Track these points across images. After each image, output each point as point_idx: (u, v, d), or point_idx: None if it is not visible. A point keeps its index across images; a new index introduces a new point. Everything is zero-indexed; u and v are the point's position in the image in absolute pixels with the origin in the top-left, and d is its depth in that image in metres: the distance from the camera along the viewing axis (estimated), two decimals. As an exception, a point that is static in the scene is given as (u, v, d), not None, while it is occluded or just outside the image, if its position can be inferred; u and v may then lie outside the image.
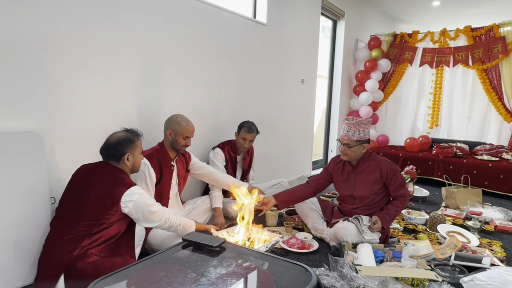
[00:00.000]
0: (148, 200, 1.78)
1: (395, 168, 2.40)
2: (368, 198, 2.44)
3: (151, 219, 1.79)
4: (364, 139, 2.38)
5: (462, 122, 5.24)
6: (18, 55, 1.82)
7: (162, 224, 1.84)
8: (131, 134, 1.87)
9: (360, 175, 2.46)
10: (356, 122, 2.36)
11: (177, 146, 2.37)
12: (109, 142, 1.82)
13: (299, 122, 4.63)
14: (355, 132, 2.35)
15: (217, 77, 3.20)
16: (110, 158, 1.81)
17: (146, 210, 1.76)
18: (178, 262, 1.25)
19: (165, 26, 2.63)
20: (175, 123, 2.37)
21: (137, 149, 1.87)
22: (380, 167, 2.39)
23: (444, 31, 5.19)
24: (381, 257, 2.16)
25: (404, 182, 2.42)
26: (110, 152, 1.80)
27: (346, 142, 2.38)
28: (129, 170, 1.87)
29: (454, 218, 3.14)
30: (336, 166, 2.60)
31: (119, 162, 1.81)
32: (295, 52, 4.30)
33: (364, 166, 2.45)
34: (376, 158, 2.47)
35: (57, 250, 1.65)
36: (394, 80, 5.69)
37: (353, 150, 2.38)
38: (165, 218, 1.84)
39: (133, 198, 1.72)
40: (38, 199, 1.90)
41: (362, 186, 2.44)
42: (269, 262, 1.28)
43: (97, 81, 2.22)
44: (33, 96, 1.91)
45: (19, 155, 1.83)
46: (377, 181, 2.41)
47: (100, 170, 1.79)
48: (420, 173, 4.57)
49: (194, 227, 2.02)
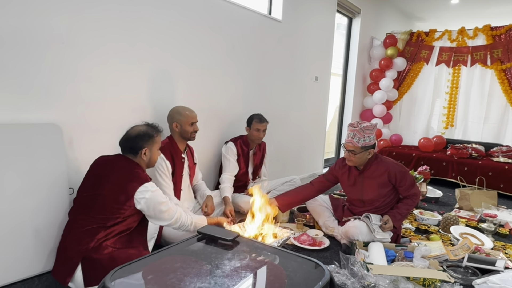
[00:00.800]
0: (160, 197, 1.76)
1: (404, 170, 2.37)
2: (378, 201, 2.43)
3: (162, 217, 1.78)
4: (369, 145, 2.32)
5: (478, 123, 5.15)
6: (40, 48, 1.87)
7: (173, 223, 1.83)
8: (151, 129, 1.87)
9: (368, 179, 2.42)
10: (361, 129, 2.29)
11: (186, 135, 2.42)
12: (129, 135, 1.82)
13: (311, 119, 4.62)
14: (360, 138, 2.30)
15: (231, 72, 3.22)
16: (128, 151, 1.82)
17: (158, 208, 1.75)
18: (194, 254, 1.28)
19: (181, 22, 2.66)
20: (177, 114, 2.42)
21: (155, 145, 1.87)
22: (388, 171, 2.35)
23: (463, 30, 5.09)
24: (392, 256, 2.15)
25: (414, 181, 2.40)
26: (128, 144, 1.80)
27: (351, 149, 2.33)
28: (145, 165, 1.87)
29: (468, 220, 3.10)
30: (342, 170, 2.54)
31: (136, 156, 1.81)
32: (309, 49, 4.29)
33: (371, 170, 2.40)
34: (383, 160, 2.42)
35: (74, 241, 1.70)
36: (409, 79, 5.61)
37: (358, 156, 2.33)
38: (176, 217, 1.82)
39: (145, 195, 1.71)
40: (57, 189, 1.95)
41: (371, 190, 2.42)
42: (282, 257, 1.30)
43: (115, 74, 2.27)
44: (53, 88, 1.96)
45: (40, 146, 1.88)
46: (385, 184, 2.38)
47: (116, 164, 1.80)
48: (433, 174, 4.52)
49: (206, 223, 2.00)
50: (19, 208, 1.81)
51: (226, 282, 1.05)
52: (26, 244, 1.86)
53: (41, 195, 1.89)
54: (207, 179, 3.11)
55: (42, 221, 1.90)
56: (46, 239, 1.89)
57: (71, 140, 2.07)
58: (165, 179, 2.34)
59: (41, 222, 1.89)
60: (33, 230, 1.87)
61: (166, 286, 1.03)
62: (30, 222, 1.86)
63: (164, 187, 2.32)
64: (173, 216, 1.81)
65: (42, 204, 1.90)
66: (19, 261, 1.84)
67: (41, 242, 1.90)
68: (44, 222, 1.89)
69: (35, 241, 1.88)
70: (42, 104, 1.92)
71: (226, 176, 2.89)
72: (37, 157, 1.87)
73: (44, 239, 1.89)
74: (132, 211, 1.72)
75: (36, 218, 1.88)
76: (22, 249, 1.84)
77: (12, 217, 1.79)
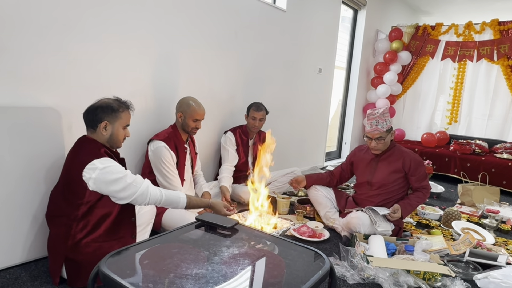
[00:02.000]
0: (111, 175, 1.55)
1: (419, 160, 2.40)
2: (386, 186, 2.43)
3: (120, 196, 1.58)
4: (390, 127, 2.40)
5: (482, 119, 5.09)
6: (40, 31, 1.83)
7: (139, 200, 1.62)
8: (117, 103, 1.70)
9: (382, 162, 2.46)
10: (381, 114, 2.36)
11: (187, 128, 2.38)
12: (91, 106, 1.68)
13: (314, 112, 4.58)
14: (383, 123, 2.35)
15: (234, 61, 3.17)
16: (88, 124, 1.68)
17: (111, 188, 1.56)
18: (191, 241, 1.26)
19: (183, 9, 2.61)
20: (185, 105, 2.37)
21: (119, 120, 1.69)
22: (404, 157, 2.38)
23: (470, 24, 5.01)
24: (393, 249, 2.13)
25: (426, 174, 2.42)
26: (88, 116, 1.66)
27: (378, 136, 2.36)
28: (106, 141, 1.69)
29: (470, 216, 3.08)
30: (359, 153, 2.63)
31: (95, 130, 1.66)
32: (313, 40, 4.23)
33: (388, 154, 2.45)
34: (401, 148, 2.47)
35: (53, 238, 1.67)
36: (414, 73, 5.55)
37: (386, 141, 2.39)
38: (140, 192, 1.60)
39: (92, 174, 1.53)
40: (55, 174, 1.93)
41: (382, 173, 2.44)
42: (282, 245, 1.28)
43: (116, 60, 2.22)
44: (53, 73, 1.92)
45: (38, 131, 1.85)
46: (398, 171, 2.40)
47: (76, 145, 1.68)
48: (436, 169, 4.49)
49: (183, 202, 1.76)
50: (17, 193, 1.80)
51: (223, 269, 1.03)
52: (24, 229, 1.84)
53: (39, 180, 1.87)
54: (207, 168, 3.08)
55: (40, 207, 1.88)
56: (44, 224, 1.87)
57: (70, 125, 2.04)
58: (172, 169, 2.29)
59: (39, 207, 1.88)
60: (32, 215, 1.86)
61: (163, 272, 1.01)
62: (28, 208, 1.84)
63: (170, 179, 2.28)
64: (136, 191, 1.59)
65: (40, 190, 1.88)
66: (16, 245, 1.83)
67: (39, 227, 1.89)
68: (42, 208, 1.87)
69: (33, 226, 1.87)
70: (41, 88, 1.88)
71: (225, 167, 2.86)
72: (36, 141, 1.84)
73: (42, 224, 1.88)
74: (92, 194, 1.57)
75: (34, 203, 1.86)
76: (21, 233, 1.83)
77: (10, 201, 1.78)
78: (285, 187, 3.23)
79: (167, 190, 1.75)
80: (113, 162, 1.62)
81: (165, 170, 2.26)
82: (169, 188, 2.28)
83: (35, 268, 1.84)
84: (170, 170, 2.28)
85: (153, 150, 2.28)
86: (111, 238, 1.67)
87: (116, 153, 1.76)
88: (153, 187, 1.68)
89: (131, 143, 2.37)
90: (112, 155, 1.69)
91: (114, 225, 1.68)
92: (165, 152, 2.25)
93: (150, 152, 2.30)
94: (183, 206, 1.75)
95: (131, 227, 1.76)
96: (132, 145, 2.39)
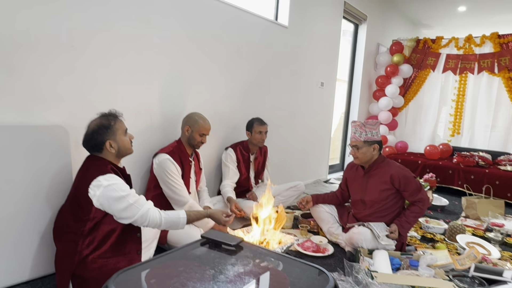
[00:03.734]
0: (115, 193, 1.56)
1: (408, 174, 2.35)
2: (379, 204, 2.41)
3: (122, 216, 1.60)
4: (372, 140, 2.36)
5: (485, 131, 5.10)
6: (49, 51, 1.89)
7: (139, 222, 1.63)
8: (106, 119, 1.71)
9: (372, 179, 2.44)
10: (362, 124, 2.38)
11: (193, 142, 2.43)
12: (86, 134, 1.70)
13: (316, 125, 4.61)
14: (361, 133, 2.36)
15: (237, 77, 3.23)
16: (92, 150, 1.71)
17: (114, 206, 1.57)
18: (197, 259, 1.27)
19: (187, 27, 2.68)
20: (193, 120, 2.43)
21: (117, 132, 1.71)
22: (391, 174, 2.34)
23: (470, 37, 5.08)
24: (397, 264, 2.13)
25: (420, 186, 2.36)
26: (89, 144, 1.69)
27: (354, 144, 2.39)
28: (115, 156, 1.73)
29: (474, 229, 3.06)
30: (350, 171, 2.64)
31: (101, 152, 1.69)
32: (315, 55, 4.29)
33: (376, 171, 2.43)
34: (389, 163, 2.43)
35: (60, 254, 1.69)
36: (416, 86, 5.59)
37: (362, 152, 2.37)
38: (140, 215, 1.61)
39: (96, 192, 1.56)
40: (62, 191, 1.96)
41: (373, 191, 2.42)
42: (286, 263, 1.29)
43: (122, 78, 2.28)
44: (61, 91, 1.97)
45: (47, 148, 1.89)
46: (387, 187, 2.37)
47: (84, 163, 1.71)
48: (439, 182, 4.48)
49: (184, 221, 1.75)
50: (25, 210, 1.83)
51: (229, 288, 1.04)
52: (32, 246, 1.87)
53: (47, 197, 1.90)
54: (210, 183, 3.10)
55: (47, 223, 1.90)
56: (50, 241, 1.89)
57: (77, 142, 2.08)
58: (177, 180, 2.31)
59: (46, 224, 1.90)
60: (38, 232, 1.89)
61: (169, 291, 1.03)
62: (35, 224, 1.87)
63: (177, 189, 2.30)
64: (136, 213, 1.60)
65: (48, 206, 1.91)
66: (24, 262, 1.85)
67: (46, 244, 1.91)
68: (49, 224, 1.90)
69: (41, 243, 1.89)
70: (50, 107, 1.94)
71: (226, 183, 2.89)
72: (44, 159, 1.88)
73: (49, 241, 1.89)
74: (98, 210, 1.59)
75: (41, 219, 1.89)
76: (27, 250, 1.86)
77: (18, 218, 1.81)
78: (288, 201, 3.24)
79: (167, 212, 1.72)
80: (119, 179, 1.64)
81: (171, 181, 2.29)
82: (177, 199, 2.31)
83: (42, 285, 1.85)
84: (176, 180, 2.31)
85: (158, 163, 2.31)
86: (117, 254, 1.69)
87: (122, 170, 1.78)
88: (154, 210, 1.66)
89: (137, 158, 2.40)
90: (119, 172, 1.72)
91: (120, 241, 1.70)
92: (169, 164, 2.29)
93: (155, 165, 2.33)
94: (183, 225, 1.75)
95: (137, 243, 1.78)
96: (137, 160, 2.43)
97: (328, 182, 4.86)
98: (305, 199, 2.72)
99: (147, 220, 1.63)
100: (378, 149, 2.41)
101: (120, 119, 1.77)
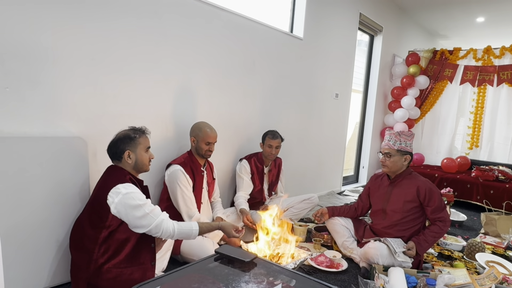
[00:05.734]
0: (133, 201, 1.62)
1: (435, 190, 2.32)
2: (400, 215, 2.37)
3: (137, 224, 1.64)
4: (405, 151, 2.37)
5: (505, 144, 4.97)
6: (69, 65, 1.95)
7: (153, 231, 1.67)
8: (132, 131, 1.82)
9: (396, 189, 2.42)
10: (398, 133, 2.39)
11: (200, 151, 2.45)
12: (112, 141, 1.81)
13: (331, 136, 4.59)
14: (396, 141, 2.36)
15: (252, 89, 3.25)
16: (113, 157, 1.80)
17: (131, 214, 1.62)
18: (211, 274, 1.28)
19: (204, 39, 2.72)
20: (197, 129, 2.46)
21: (139, 146, 1.80)
22: (418, 186, 2.32)
23: (488, 49, 4.99)
24: (413, 283, 2.08)
25: (444, 205, 2.31)
26: (112, 150, 1.79)
27: (386, 151, 2.39)
28: (132, 168, 1.80)
29: (494, 247, 2.97)
30: (375, 181, 2.63)
31: (121, 161, 1.78)
32: (330, 66, 4.29)
33: (403, 181, 2.41)
34: (417, 176, 2.42)
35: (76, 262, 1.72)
36: (432, 97, 5.51)
37: (393, 160, 2.37)
38: (155, 224, 1.65)
39: (115, 199, 1.62)
40: (80, 200, 2.00)
41: (396, 201, 2.39)
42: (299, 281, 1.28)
43: (139, 90, 2.33)
44: (81, 103, 2.03)
45: (66, 159, 1.94)
46: (412, 199, 2.33)
47: (105, 172, 1.80)
48: (457, 196, 4.38)
49: (196, 233, 1.78)
50: (44, 219, 1.87)
51: (243, 306, 1.04)
52: (49, 255, 1.91)
53: (64, 206, 1.95)
54: (224, 194, 3.11)
55: (64, 232, 1.94)
56: (67, 250, 1.93)
57: (95, 152, 2.13)
58: (188, 191, 2.34)
59: (63, 233, 1.94)
60: (55, 240, 1.92)
61: (183, 308, 1.03)
62: (54, 233, 1.91)
63: (187, 200, 2.33)
64: (151, 223, 1.64)
65: (65, 215, 1.95)
66: (41, 271, 1.89)
67: (63, 253, 1.94)
68: (66, 233, 1.93)
69: (57, 252, 1.93)
70: (69, 118, 1.99)
71: (240, 194, 2.89)
72: (63, 169, 1.93)
73: (66, 250, 1.93)
74: (115, 218, 1.65)
75: (59, 228, 1.93)
76: (44, 259, 1.89)
77: (37, 227, 1.85)
78: (302, 214, 3.22)
79: (181, 223, 1.76)
80: (136, 189, 1.69)
81: (182, 191, 2.31)
82: (186, 210, 2.33)
83: (58, 294, 1.88)
84: (187, 191, 2.33)
85: (169, 174, 2.36)
86: (131, 264, 1.71)
87: (140, 181, 1.83)
88: (168, 221, 1.71)
89: (152, 168, 2.41)
90: (136, 182, 1.77)
91: (135, 251, 1.73)
92: (180, 174, 2.32)
93: (167, 176, 2.38)
94: (195, 237, 1.80)
95: (151, 254, 1.80)
96: (152, 170, 2.45)
97: (342, 194, 4.81)
98: (320, 211, 2.70)
99: (161, 230, 1.67)
100: (409, 161, 2.41)
101: (146, 135, 1.87)
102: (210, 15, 2.73)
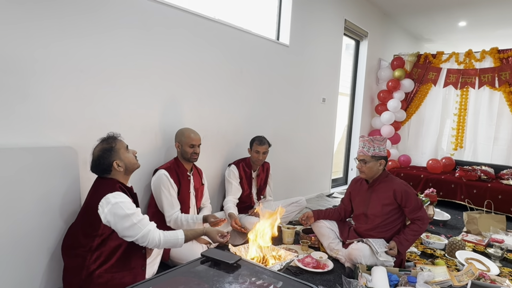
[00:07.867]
0: (122, 211, 1.67)
1: (410, 191, 2.42)
2: (380, 218, 2.47)
3: (126, 234, 1.70)
4: (379, 155, 2.46)
5: (487, 145, 5.12)
6: (59, 76, 2.01)
7: (140, 241, 1.73)
8: (106, 142, 1.83)
9: (375, 193, 2.51)
10: (370, 139, 2.48)
11: (186, 155, 2.51)
12: (93, 160, 1.82)
13: (319, 140, 4.68)
14: (369, 148, 2.45)
15: (239, 96, 3.33)
16: (102, 173, 1.82)
17: (120, 223, 1.68)
18: (197, 276, 1.34)
19: (190, 49, 2.79)
20: (180, 135, 2.54)
21: (121, 151, 1.82)
22: (394, 189, 2.42)
23: (470, 52, 5.15)
24: (395, 281, 2.16)
25: (421, 204, 2.41)
26: (98, 168, 1.81)
27: (361, 158, 2.48)
28: (124, 174, 1.85)
29: (475, 245, 3.08)
30: (355, 185, 2.72)
31: (110, 173, 1.81)
32: (317, 72, 4.39)
33: (380, 185, 2.50)
34: (392, 179, 2.51)
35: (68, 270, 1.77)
36: (417, 100, 5.66)
37: (369, 166, 2.46)
38: (142, 234, 1.71)
39: (104, 209, 1.67)
40: (70, 209, 2.05)
41: (375, 205, 2.49)
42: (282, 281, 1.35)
43: (127, 100, 2.39)
44: (70, 114, 2.08)
45: (56, 168, 1.99)
46: (390, 202, 2.44)
47: (95, 182, 1.84)
48: (442, 196, 4.50)
49: (182, 242, 1.85)
50: (35, 228, 1.91)
51: (226, 306, 1.11)
52: (41, 262, 1.95)
53: (55, 214, 1.99)
54: (213, 199, 3.17)
55: (56, 240, 1.99)
56: (59, 258, 1.98)
57: (85, 161, 2.18)
58: (169, 195, 2.39)
59: (55, 241, 1.98)
60: (47, 248, 1.96)
61: (169, 308, 1.09)
62: (45, 241, 1.95)
63: (169, 202, 2.39)
64: (138, 233, 1.70)
65: (57, 223, 1.99)
66: (33, 278, 1.92)
67: (55, 260, 1.98)
68: (58, 241, 1.98)
69: (50, 260, 1.97)
70: (60, 128, 2.05)
71: (229, 199, 2.96)
72: (54, 178, 1.97)
73: (57, 258, 1.97)
74: (107, 227, 1.70)
75: (50, 236, 1.97)
76: (37, 267, 1.93)
77: (28, 236, 1.89)
78: (290, 216, 3.29)
79: (166, 233, 1.81)
80: (126, 198, 1.75)
81: (165, 194, 2.38)
82: (171, 212, 2.39)
83: (49, 300, 1.92)
84: (169, 195, 2.40)
85: (154, 179, 2.44)
86: (122, 269, 1.77)
87: (130, 188, 1.89)
88: (155, 231, 1.76)
89: (141, 175, 2.50)
90: (126, 190, 1.82)
91: (126, 257, 1.78)
92: (164, 178, 2.39)
93: (152, 180, 2.46)
94: (181, 245, 1.87)
95: (142, 259, 1.87)
96: (141, 176, 2.52)
97: (331, 196, 4.90)
98: (306, 214, 2.78)
99: (147, 240, 1.74)
100: (384, 165, 2.50)
101: (119, 139, 1.89)
102: (197, 24, 2.81)
